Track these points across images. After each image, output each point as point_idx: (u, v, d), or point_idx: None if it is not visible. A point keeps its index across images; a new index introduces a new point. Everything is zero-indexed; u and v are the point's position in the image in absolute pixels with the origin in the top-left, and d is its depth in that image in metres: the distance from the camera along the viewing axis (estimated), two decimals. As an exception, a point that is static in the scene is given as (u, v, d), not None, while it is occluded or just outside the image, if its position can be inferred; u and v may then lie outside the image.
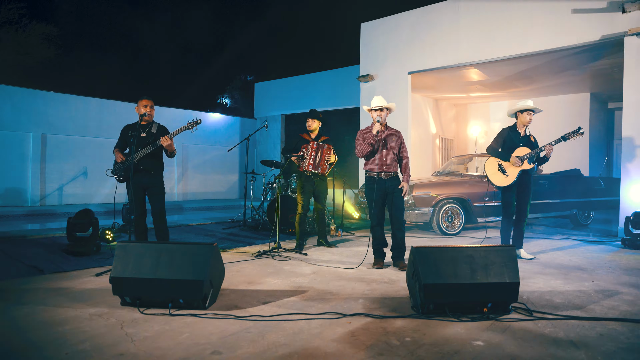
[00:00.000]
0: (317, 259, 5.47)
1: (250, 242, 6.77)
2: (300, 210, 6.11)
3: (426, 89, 11.80)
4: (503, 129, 5.47)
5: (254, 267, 4.99)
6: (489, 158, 5.45)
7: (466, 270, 3.15)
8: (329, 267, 4.98)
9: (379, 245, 5.01)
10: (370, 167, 4.96)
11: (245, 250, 6.07)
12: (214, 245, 3.44)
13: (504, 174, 5.25)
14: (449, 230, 7.56)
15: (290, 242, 6.67)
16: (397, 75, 10.29)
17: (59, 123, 13.02)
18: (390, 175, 4.91)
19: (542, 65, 9.28)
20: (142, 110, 5.08)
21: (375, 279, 4.38)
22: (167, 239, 5.19)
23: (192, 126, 4.98)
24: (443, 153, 13.58)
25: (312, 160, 5.90)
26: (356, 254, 5.80)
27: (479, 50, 8.96)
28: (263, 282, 4.30)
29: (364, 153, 4.89)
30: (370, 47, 10.83)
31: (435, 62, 9.62)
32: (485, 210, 7.82)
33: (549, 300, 3.60)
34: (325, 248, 6.24)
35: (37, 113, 12.62)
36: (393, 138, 4.98)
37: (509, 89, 11.79)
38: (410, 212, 7.44)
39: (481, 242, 6.50)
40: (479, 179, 8.08)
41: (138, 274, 3.28)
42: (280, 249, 5.88)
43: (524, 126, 5.35)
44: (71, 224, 5.60)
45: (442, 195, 7.55)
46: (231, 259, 5.43)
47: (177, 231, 7.80)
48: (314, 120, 6.09)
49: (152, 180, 5.07)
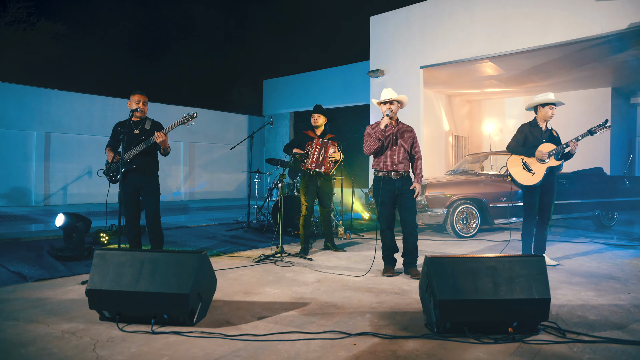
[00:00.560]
0: (322, 264, 5.09)
1: (253, 245, 6.41)
2: (305, 212, 5.74)
3: (439, 84, 11.35)
4: (522, 125, 5.03)
5: (254, 274, 4.62)
6: (511, 156, 5.02)
7: (488, 284, 2.75)
8: (335, 274, 4.59)
9: (388, 251, 4.61)
10: (379, 165, 4.56)
11: (246, 254, 5.71)
12: (203, 254, 3.07)
13: (529, 172, 4.82)
14: (463, 233, 7.13)
15: (296, 245, 6.30)
16: (408, 70, 9.86)
17: (63, 121, 12.79)
18: (401, 175, 4.50)
19: (561, 58, 8.79)
20: (133, 105, 4.74)
21: (385, 289, 3.98)
22: (161, 244, 4.85)
23: (188, 120, 4.63)
24: (456, 151, 13.12)
25: (316, 158, 5.52)
26: (365, 259, 5.41)
27: (494, 42, 8.50)
28: (261, 292, 3.93)
29: (371, 150, 4.49)
30: (380, 41, 10.41)
31: (449, 56, 9.18)
32: (503, 212, 7.38)
33: (582, 316, 3.18)
34: (332, 252, 5.86)
35: (41, 111, 12.40)
36: (405, 134, 4.58)
37: (525, 83, 11.29)
38: (423, 213, 7.02)
39: (502, 250, 6.07)
40: (495, 178, 7.64)
41: (117, 286, 2.92)
42: (284, 254, 5.51)
43: (545, 121, 4.91)
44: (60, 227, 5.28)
45: (457, 196, 7.12)
46: (230, 264, 5.07)
47: (177, 233, 7.47)
48: (319, 116, 5.71)
49: (146, 180, 4.73)
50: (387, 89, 4.57)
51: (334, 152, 5.53)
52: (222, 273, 4.62)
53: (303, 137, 5.82)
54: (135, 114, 4.76)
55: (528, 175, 4.83)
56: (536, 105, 4.93)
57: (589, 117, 11.24)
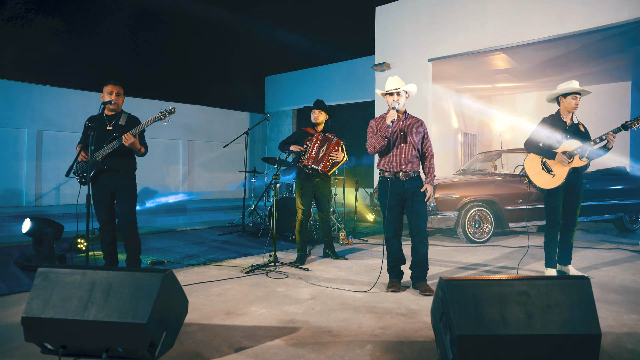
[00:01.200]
0: (319, 276, 4.54)
1: (246, 252, 5.87)
2: (301, 216, 5.19)
3: (448, 79, 10.75)
4: (544, 119, 4.43)
5: (241, 288, 4.08)
6: (529, 155, 4.43)
7: (519, 314, 2.18)
8: (333, 288, 4.04)
9: (395, 262, 4.04)
10: (385, 165, 3.99)
11: (237, 263, 5.17)
12: (167, 273, 2.52)
13: (549, 173, 4.22)
14: (476, 237, 6.55)
15: (293, 252, 5.76)
16: (416, 63, 9.28)
17: (55, 119, 12.31)
18: (410, 176, 3.93)
19: (578, 49, 8.19)
20: (106, 97, 4.21)
21: (390, 309, 3.43)
22: (138, 252, 4.32)
23: (164, 116, 4.10)
24: (466, 149, 12.52)
25: (315, 153, 4.96)
26: (368, 268, 4.86)
27: (508, 33, 7.90)
28: (246, 312, 3.38)
29: (376, 148, 3.92)
30: (386, 33, 9.83)
31: (459, 48, 8.59)
32: (519, 215, 6.79)
33: (635, 351, 2.60)
34: (331, 261, 5.30)
35: (33, 108, 11.93)
36: (414, 129, 4.00)
37: (539, 78, 10.67)
38: (432, 216, 6.45)
39: (521, 259, 5.50)
40: (510, 178, 7.05)
41: (62, 314, 2.39)
42: (278, 263, 4.96)
43: (570, 113, 4.32)
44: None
45: (468, 197, 6.54)
46: (216, 275, 4.53)
47: (165, 237, 6.94)
48: (320, 113, 5.15)
49: (120, 181, 4.20)
50: (393, 77, 4.00)
51: (337, 152, 4.97)
52: (205, 287, 4.09)
53: (301, 134, 5.27)
54: (108, 107, 4.23)
55: (547, 178, 4.24)
56: (558, 96, 4.35)
57: (607, 113, 10.61)
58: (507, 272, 4.67)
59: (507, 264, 5.11)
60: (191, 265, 5.05)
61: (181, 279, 4.37)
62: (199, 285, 4.14)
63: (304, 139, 5.14)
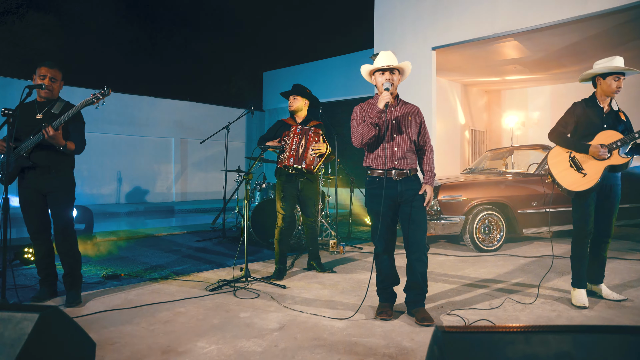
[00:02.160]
0: (297, 295, 3.77)
1: (221, 262, 5.12)
2: (281, 222, 4.43)
3: (453, 71, 9.94)
4: (575, 104, 3.62)
5: (197, 311, 3.32)
6: (554, 148, 3.62)
7: (558, 388, 1.40)
8: (309, 314, 3.26)
9: (386, 283, 3.25)
10: (374, 162, 3.20)
11: (205, 276, 4.42)
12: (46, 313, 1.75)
13: (579, 171, 3.42)
14: (485, 245, 5.75)
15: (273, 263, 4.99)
16: (418, 52, 8.48)
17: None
18: (406, 174, 3.14)
19: (599, 34, 7.35)
20: (37, 81, 3.48)
21: (375, 347, 2.65)
22: (76, 267, 3.56)
23: (97, 99, 3.35)
24: (473, 147, 11.69)
25: (294, 152, 4.19)
26: (357, 285, 4.08)
27: (520, 15, 7.08)
28: (189, 349, 2.62)
29: (365, 139, 3.10)
30: (386, 20, 9.04)
31: (466, 34, 7.77)
32: (534, 219, 5.99)
33: None
34: (316, 274, 4.53)
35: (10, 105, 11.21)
36: (409, 117, 3.22)
37: (553, 69, 9.81)
38: (435, 222, 5.66)
39: (543, 275, 4.70)
40: (523, 178, 6.25)
41: None
42: (250, 278, 4.19)
43: (608, 98, 3.51)
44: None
45: (477, 200, 5.74)
46: (174, 294, 3.77)
47: (136, 244, 6.20)
48: (295, 98, 4.39)
49: (51, 182, 3.46)
50: (385, 52, 3.23)
51: (319, 143, 4.20)
52: (154, 310, 3.33)
53: (281, 126, 4.51)
54: (40, 93, 3.49)
55: (577, 177, 3.43)
56: (594, 76, 3.54)
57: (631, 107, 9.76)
58: (523, 291, 3.87)
59: (524, 279, 4.30)
60: (152, 279, 4.30)
61: (130, 298, 3.64)
62: (147, 308, 3.39)
63: (283, 131, 4.38)
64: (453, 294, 3.78)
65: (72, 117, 3.38)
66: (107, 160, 12.75)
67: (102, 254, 5.52)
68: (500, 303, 3.49)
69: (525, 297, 3.66)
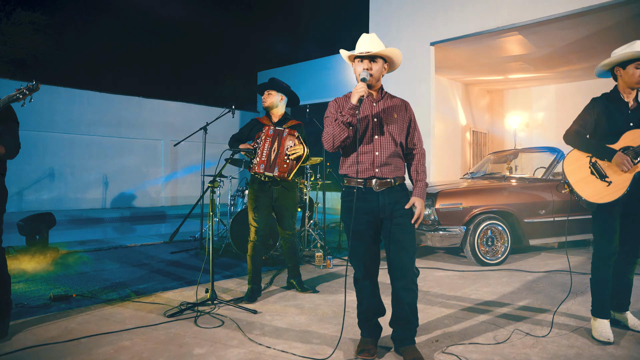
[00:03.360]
0: (267, 323, 3.21)
1: (191, 279, 4.56)
2: (254, 236, 3.86)
3: (453, 68, 9.39)
4: (593, 100, 3.05)
5: (144, 346, 2.76)
6: (571, 152, 3.05)
7: None
8: (277, 350, 2.71)
9: (368, 314, 2.68)
10: (350, 169, 2.63)
11: (168, 297, 3.87)
12: None
13: (602, 179, 2.85)
14: (488, 258, 5.19)
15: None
16: (416, 48, 7.94)
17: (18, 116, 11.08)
18: (389, 185, 2.58)
19: (609, 28, 6.80)
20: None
21: (350, 403, 2.09)
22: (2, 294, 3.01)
23: (23, 94, 2.84)
24: (475, 149, 11.14)
25: (265, 157, 3.65)
26: (339, 310, 3.52)
27: (525, 7, 6.54)
28: (113, 408, 2.06)
29: (336, 142, 2.52)
30: (382, 14, 8.50)
31: (466, 28, 7.24)
32: (542, 229, 5.44)
33: None
34: (295, 295, 3.97)
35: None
36: (394, 113, 2.65)
37: (559, 67, 9.25)
38: (433, 233, 5.10)
39: (563, 301, 4.15)
40: (529, 184, 5.70)
41: None
42: (216, 301, 3.64)
43: (634, 90, 2.96)
44: None
45: (479, 208, 5.19)
46: (125, 321, 3.22)
47: (102, 257, 5.63)
48: (270, 93, 3.84)
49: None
50: (368, 35, 2.66)
51: (295, 146, 3.65)
52: (95, 343, 2.79)
53: (254, 124, 3.96)
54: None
55: (600, 186, 2.85)
56: (613, 66, 2.99)
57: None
58: (533, 318, 3.31)
59: (531, 301, 3.74)
60: (106, 301, 3.75)
61: (72, 327, 3.11)
62: (86, 342, 2.84)
63: (256, 132, 3.83)
64: (451, 322, 3.22)
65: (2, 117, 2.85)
66: (92, 163, 12.23)
67: (59, 268, 4.97)
68: (507, 336, 2.93)
69: (536, 328, 3.10)
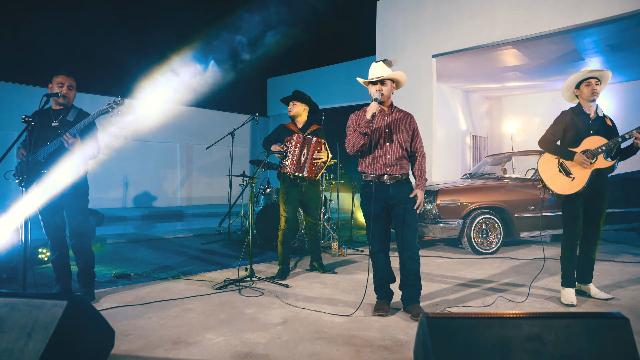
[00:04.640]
0: (299, 294, 3.95)
1: (227, 263, 5.31)
2: (284, 225, 4.62)
3: (454, 77, 10.15)
4: (563, 113, 3.82)
5: (205, 308, 3.51)
6: (544, 154, 3.81)
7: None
8: (311, 310, 3.45)
9: (382, 281, 3.45)
10: (367, 167, 3.42)
11: (211, 276, 4.61)
12: (72, 300, 1.95)
13: (567, 175, 3.61)
14: (483, 248, 5.92)
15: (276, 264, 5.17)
16: (419, 60, 8.69)
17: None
18: (397, 179, 3.35)
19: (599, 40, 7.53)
20: (55, 88, 3.69)
21: (372, 339, 2.83)
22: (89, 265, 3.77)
23: (112, 108, 3.55)
24: (474, 153, 11.87)
25: (296, 160, 4.39)
26: (357, 285, 4.26)
27: (518, 24, 7.28)
28: (198, 340, 2.81)
29: (356, 148, 3.34)
30: (388, 28, 9.26)
31: (465, 42, 7.98)
32: (530, 223, 6.16)
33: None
34: (317, 275, 4.71)
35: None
36: (401, 125, 3.43)
37: (553, 76, 10.00)
38: (434, 225, 5.84)
39: (535, 276, 4.87)
40: (521, 183, 6.42)
41: None
42: (254, 278, 4.39)
43: (592, 103, 3.70)
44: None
45: (475, 204, 5.92)
46: (183, 292, 3.97)
47: (144, 246, 6.40)
48: (295, 104, 4.60)
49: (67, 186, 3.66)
50: (376, 64, 3.43)
51: (320, 152, 4.40)
52: (164, 306, 3.53)
53: (282, 130, 4.72)
54: (57, 101, 3.70)
55: (566, 181, 3.61)
56: (573, 88, 3.76)
57: (628, 112, 9.95)
58: (514, 290, 4.04)
59: (515, 279, 4.48)
60: (161, 279, 4.50)
61: (141, 295, 3.84)
62: (158, 305, 3.59)
63: (285, 136, 4.58)
64: (448, 293, 3.96)
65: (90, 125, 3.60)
66: (113, 165, 12.98)
67: (111, 255, 5.73)
68: (493, 301, 3.67)
69: (516, 296, 3.84)
